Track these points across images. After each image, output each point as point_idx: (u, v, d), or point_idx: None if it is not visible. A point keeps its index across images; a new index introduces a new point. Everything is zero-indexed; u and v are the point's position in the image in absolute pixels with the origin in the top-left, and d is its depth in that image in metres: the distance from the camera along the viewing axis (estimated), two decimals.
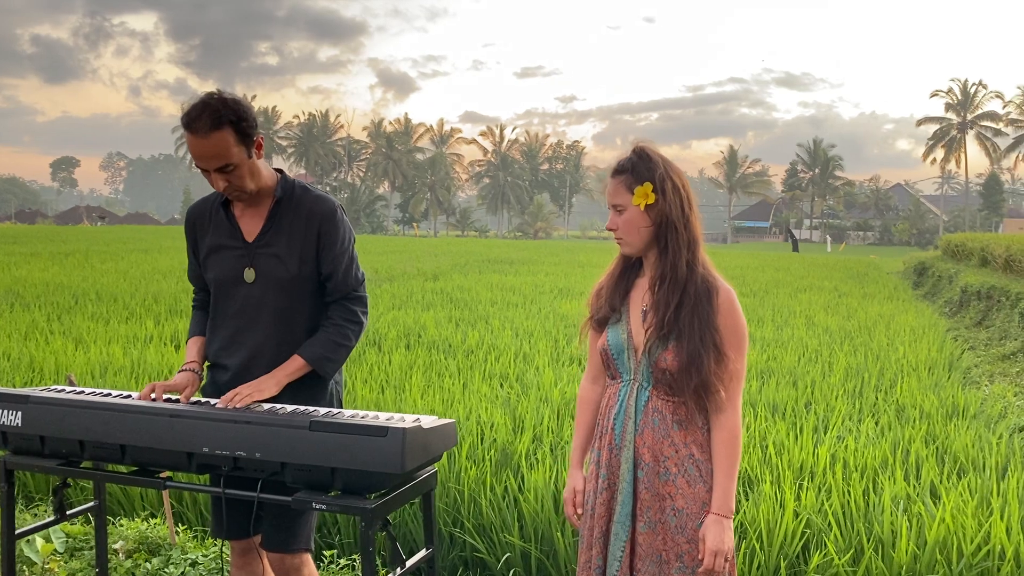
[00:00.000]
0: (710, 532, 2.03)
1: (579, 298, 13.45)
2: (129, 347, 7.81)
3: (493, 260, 24.55)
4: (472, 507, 3.93)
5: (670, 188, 2.07)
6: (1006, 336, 11.44)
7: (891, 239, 75.38)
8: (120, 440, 2.15)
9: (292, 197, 2.42)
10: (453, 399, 5.71)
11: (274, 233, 2.40)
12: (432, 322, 9.86)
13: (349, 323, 2.43)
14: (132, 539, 3.89)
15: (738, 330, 2.08)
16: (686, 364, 2.02)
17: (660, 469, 2.08)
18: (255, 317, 2.40)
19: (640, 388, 2.11)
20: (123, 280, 14.67)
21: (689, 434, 2.08)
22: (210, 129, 2.20)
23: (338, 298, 2.45)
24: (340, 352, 2.40)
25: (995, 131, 72.99)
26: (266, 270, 2.39)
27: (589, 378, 2.32)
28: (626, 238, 2.12)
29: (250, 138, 2.29)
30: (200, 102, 2.24)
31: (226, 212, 2.44)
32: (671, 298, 2.05)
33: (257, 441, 2.02)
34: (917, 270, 23.10)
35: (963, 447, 4.81)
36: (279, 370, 2.35)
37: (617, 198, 2.12)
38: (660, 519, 2.08)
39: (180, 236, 39.05)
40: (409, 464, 1.94)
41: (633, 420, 2.10)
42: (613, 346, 2.15)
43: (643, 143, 2.14)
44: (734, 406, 2.08)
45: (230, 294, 2.42)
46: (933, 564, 3.40)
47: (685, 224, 2.09)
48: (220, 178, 2.29)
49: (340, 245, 2.42)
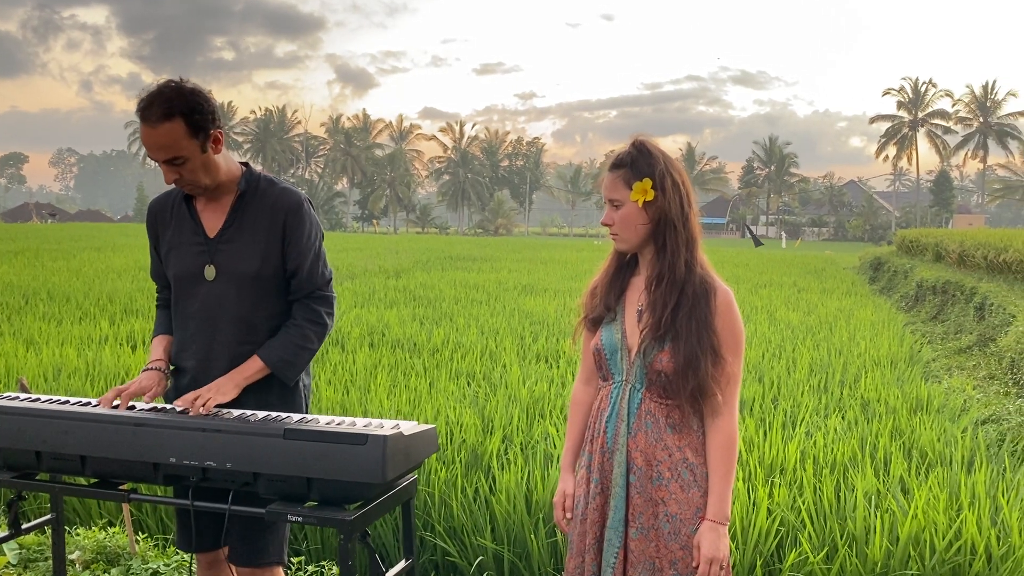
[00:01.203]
0: (705, 539, 1.97)
1: (543, 295, 13.42)
2: (83, 348, 7.59)
3: (455, 257, 24.43)
4: (443, 510, 3.86)
5: (670, 185, 2.01)
6: (961, 330, 11.65)
7: (845, 235, 76.68)
8: (80, 451, 2.03)
9: (256, 190, 2.32)
10: (420, 399, 5.62)
11: (236, 228, 2.29)
12: (396, 320, 9.74)
13: (312, 324, 2.31)
14: (90, 549, 3.75)
15: (736, 332, 2.03)
16: (683, 366, 1.96)
17: (653, 473, 2.01)
18: (217, 316, 2.29)
19: (633, 390, 2.04)
20: (76, 279, 14.29)
21: (683, 438, 2.02)
22: (160, 119, 2.10)
23: (302, 297, 2.34)
24: (302, 355, 2.29)
25: (945, 129, 74.67)
26: (227, 267, 2.28)
27: (582, 380, 2.25)
28: (622, 234, 2.05)
29: (205, 131, 2.17)
30: (155, 90, 2.14)
31: (188, 206, 2.34)
32: (668, 298, 1.99)
33: (228, 450, 1.92)
34: (873, 265, 23.48)
35: (929, 442, 4.85)
36: (237, 372, 2.24)
37: (614, 193, 2.04)
38: (653, 525, 2.02)
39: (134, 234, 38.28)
40: (391, 473, 1.85)
41: (626, 423, 2.04)
42: (606, 346, 2.08)
43: (642, 136, 2.06)
44: (731, 410, 2.02)
45: (190, 292, 2.31)
46: (906, 560, 3.41)
47: (684, 222, 2.02)
48: (170, 171, 2.18)
49: (306, 240, 2.31)
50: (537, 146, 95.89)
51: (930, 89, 74.98)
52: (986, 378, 8.62)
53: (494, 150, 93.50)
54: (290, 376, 2.29)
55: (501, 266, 20.80)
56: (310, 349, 2.30)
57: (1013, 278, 12.69)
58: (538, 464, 4.12)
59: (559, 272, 19.00)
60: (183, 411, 2.14)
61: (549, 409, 5.41)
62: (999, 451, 5.10)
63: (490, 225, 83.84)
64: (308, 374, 2.45)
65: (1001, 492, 3.96)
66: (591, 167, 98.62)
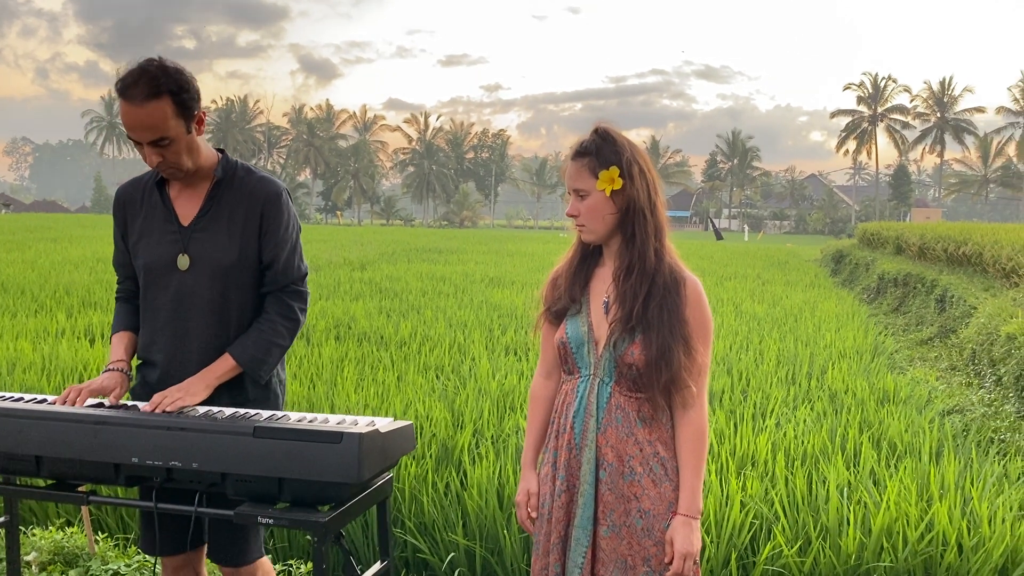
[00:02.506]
0: (678, 534, 1.93)
1: (511, 287, 13.36)
2: (39, 342, 7.37)
3: (421, 249, 24.28)
4: (413, 505, 3.79)
5: (637, 172, 1.95)
6: (922, 322, 11.82)
7: (806, 228, 77.70)
8: (35, 451, 1.92)
9: (234, 178, 2.23)
10: (388, 393, 5.53)
11: (212, 217, 2.20)
12: (362, 313, 9.62)
13: (284, 320, 2.23)
14: (46, 550, 3.61)
15: (705, 322, 1.98)
16: (655, 358, 1.91)
17: (624, 469, 1.96)
18: (188, 308, 2.19)
19: (601, 384, 1.99)
20: (31, 271, 13.93)
21: (653, 431, 1.97)
22: (146, 97, 2.01)
23: (275, 290, 2.25)
24: (273, 353, 2.20)
25: (903, 124, 75.89)
26: (202, 256, 2.18)
27: (542, 373, 2.18)
28: (589, 225, 1.99)
29: (191, 111, 2.09)
30: (138, 67, 2.03)
31: (161, 193, 2.24)
32: (639, 289, 1.94)
33: (194, 450, 1.83)
34: (835, 258, 23.77)
35: (898, 433, 4.88)
36: (207, 372, 2.14)
37: (579, 182, 1.97)
38: (625, 522, 1.97)
39: (92, 225, 37.51)
40: (367, 472, 1.77)
41: (595, 418, 1.98)
42: (572, 339, 2.02)
43: (605, 123, 2.00)
44: (701, 402, 1.99)
45: (161, 283, 2.21)
46: (879, 552, 3.41)
47: (652, 210, 1.97)
48: (154, 152, 2.08)
49: (283, 231, 2.23)
50: (502, 138, 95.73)
51: (889, 84, 76.15)
52: (948, 369, 8.74)
53: (459, 142, 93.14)
54: (262, 374, 2.20)
55: (468, 258, 20.71)
56: (282, 346, 2.22)
57: (972, 271, 12.90)
58: (510, 458, 4.06)
59: (526, 264, 18.96)
60: None
61: (520, 402, 5.36)
62: (965, 442, 5.15)
63: (455, 217, 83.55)
64: (283, 367, 2.36)
65: (970, 483, 3.99)
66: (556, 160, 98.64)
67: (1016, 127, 73.13)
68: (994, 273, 11.72)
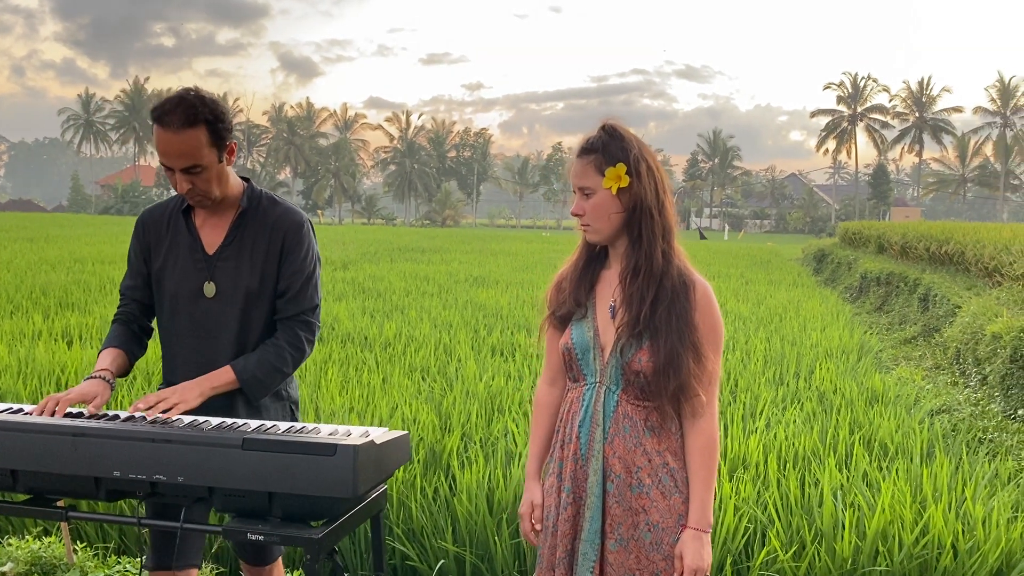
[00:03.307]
0: (688, 548, 1.86)
1: (495, 287, 13.29)
2: (15, 344, 7.22)
3: (403, 248, 24.15)
4: (401, 511, 3.71)
5: (645, 170, 1.88)
6: (905, 320, 11.87)
7: (786, 227, 78.10)
8: (10, 464, 1.83)
9: (258, 208, 2.27)
10: (374, 395, 5.45)
11: (236, 246, 2.24)
12: (345, 313, 9.52)
13: (291, 348, 2.23)
14: (23, 560, 3.51)
15: (716, 328, 1.91)
16: (663, 365, 1.84)
17: (632, 481, 1.89)
18: (213, 334, 2.22)
19: (608, 392, 1.91)
20: (6, 271, 13.69)
21: (662, 441, 1.90)
22: (183, 125, 2.05)
23: (286, 318, 2.25)
24: (273, 377, 2.20)
25: (883, 123, 76.41)
26: (226, 285, 2.22)
27: (547, 380, 2.10)
28: (594, 224, 1.91)
29: (223, 141, 2.14)
30: (176, 96, 2.10)
31: (186, 221, 2.26)
32: (646, 292, 1.86)
33: (179, 463, 1.74)
34: (816, 257, 23.89)
35: (889, 433, 4.86)
36: (204, 380, 2.12)
37: (585, 180, 1.90)
38: (633, 536, 1.89)
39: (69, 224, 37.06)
40: (362, 486, 1.69)
41: (601, 427, 1.90)
42: (577, 345, 1.94)
43: (612, 120, 1.93)
44: (712, 410, 1.91)
45: (186, 309, 2.24)
46: (874, 555, 3.38)
47: (660, 210, 1.89)
48: (185, 180, 2.12)
49: (301, 260, 2.24)
50: (484, 137, 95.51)
51: (869, 84, 76.66)
52: (933, 368, 8.77)
53: (441, 140, 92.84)
54: (256, 394, 2.19)
55: (451, 258, 20.61)
56: (284, 372, 2.22)
57: (955, 269, 12.96)
58: (499, 462, 3.99)
59: (510, 263, 18.89)
60: (129, 418, 1.95)
61: (508, 404, 5.29)
62: (954, 442, 5.14)
63: (437, 216, 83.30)
64: (295, 387, 2.39)
65: (962, 485, 3.97)
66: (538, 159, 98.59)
67: (993, 127, 73.86)
68: (976, 272, 11.78)
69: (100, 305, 10.02)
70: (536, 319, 9.42)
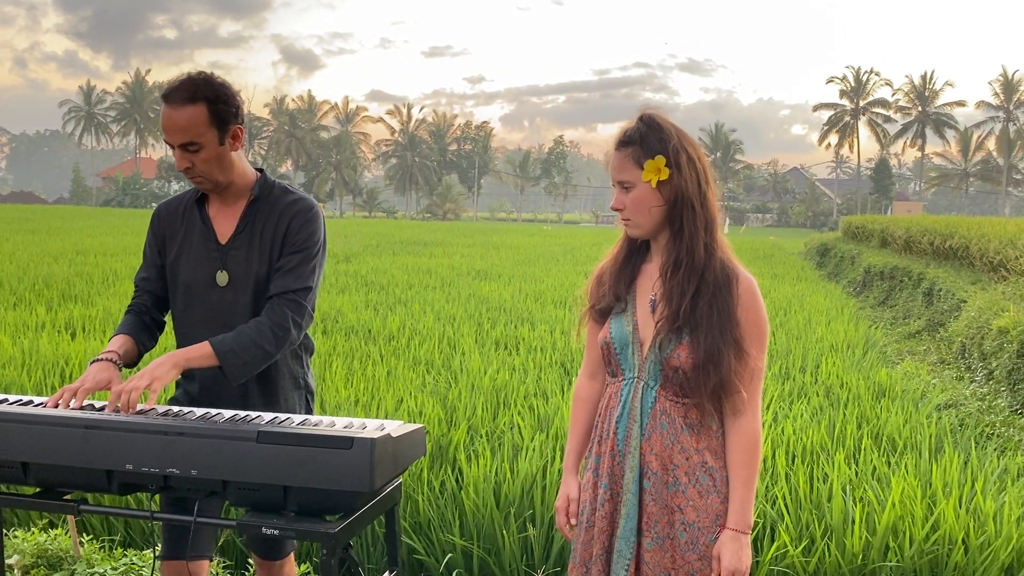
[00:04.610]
0: (726, 550, 1.82)
1: (498, 280, 13.27)
2: (18, 336, 7.21)
3: (405, 242, 24.13)
4: (409, 505, 3.70)
5: (685, 161, 1.83)
6: (909, 315, 11.84)
7: (788, 221, 77.97)
8: (20, 457, 1.80)
9: (269, 197, 2.25)
10: (379, 388, 5.43)
11: (248, 234, 2.23)
12: (349, 306, 9.50)
13: (276, 327, 2.14)
14: (30, 553, 3.49)
15: (760, 323, 1.86)
16: (703, 361, 1.79)
17: (669, 479, 1.85)
18: (227, 322, 2.19)
19: (646, 387, 1.87)
20: (8, 263, 13.68)
21: (702, 439, 1.86)
22: (183, 101, 2.08)
23: (273, 295, 2.18)
24: (253, 353, 2.09)
25: (885, 118, 76.24)
26: (238, 273, 2.22)
27: (587, 374, 2.07)
28: (634, 219, 1.87)
29: (225, 123, 2.13)
30: (186, 75, 2.12)
31: (200, 211, 2.27)
32: (687, 286, 1.82)
33: (193, 456, 1.71)
34: (819, 251, 23.84)
35: (897, 428, 4.84)
36: (180, 352, 2.07)
37: (624, 174, 1.85)
38: (669, 534, 1.86)
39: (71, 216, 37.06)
40: (379, 480, 1.66)
41: (639, 424, 1.87)
42: (616, 339, 1.91)
43: (650, 110, 1.88)
44: (754, 409, 1.86)
45: (201, 298, 2.24)
46: (885, 551, 3.36)
47: (702, 202, 1.85)
48: (183, 157, 2.13)
49: (303, 240, 2.21)
50: (485, 130, 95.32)
51: (872, 78, 76.47)
52: (938, 363, 8.75)
53: (442, 134, 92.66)
54: (234, 370, 2.09)
55: (453, 251, 20.59)
56: (265, 350, 2.11)
57: (959, 264, 12.93)
58: (506, 456, 3.98)
59: (512, 257, 18.87)
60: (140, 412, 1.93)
61: (513, 398, 5.27)
62: (963, 437, 5.11)
63: (438, 209, 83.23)
64: (311, 375, 2.37)
65: (972, 480, 3.95)
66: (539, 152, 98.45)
67: (996, 121, 73.66)
68: (981, 266, 11.75)
69: (103, 297, 10.01)
70: (539, 312, 9.43)
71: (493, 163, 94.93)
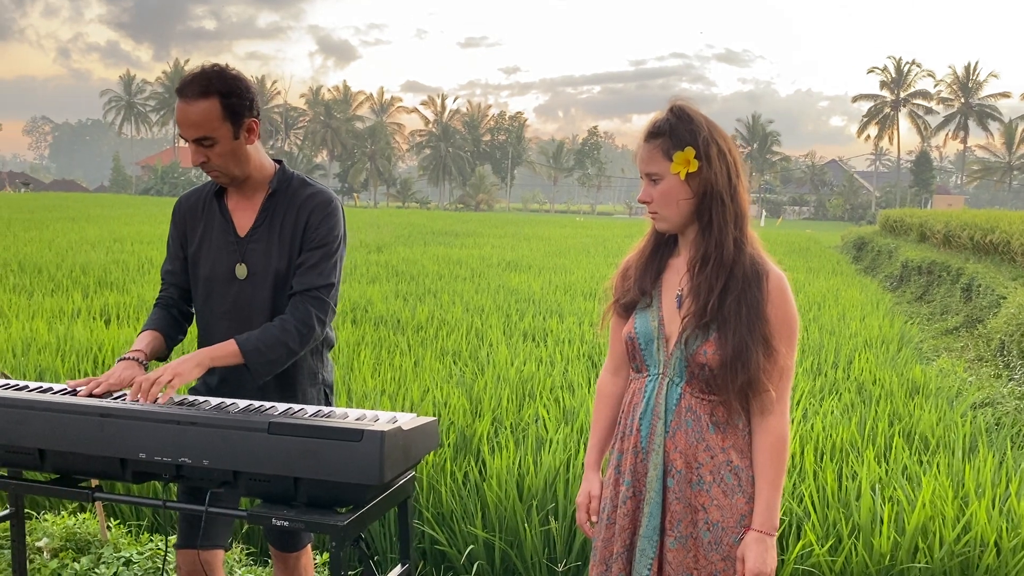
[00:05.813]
0: (751, 551, 1.78)
1: (528, 272, 13.24)
2: (55, 322, 7.33)
3: (437, 232, 24.18)
4: (431, 495, 3.70)
5: (715, 153, 1.78)
6: (947, 311, 11.61)
7: (825, 214, 76.91)
8: (38, 444, 1.82)
9: (288, 190, 2.24)
10: (405, 378, 5.44)
11: (266, 227, 2.22)
12: (379, 296, 9.54)
13: (300, 324, 2.14)
14: (58, 536, 3.55)
15: (789, 320, 1.81)
16: (730, 359, 1.75)
17: (693, 477, 1.81)
18: (247, 315, 2.20)
19: (671, 384, 1.83)
20: (48, 250, 13.94)
21: (728, 438, 1.81)
22: (196, 96, 2.06)
23: (298, 292, 2.18)
24: (277, 351, 2.10)
25: (926, 109, 74.83)
26: (257, 266, 2.21)
27: (610, 369, 2.04)
28: (662, 212, 1.83)
29: (239, 117, 2.11)
30: (199, 69, 2.11)
31: (219, 204, 2.26)
32: (715, 282, 1.77)
33: (205, 446, 1.72)
34: (856, 245, 23.48)
35: (930, 426, 4.74)
36: (205, 351, 2.08)
37: (652, 166, 1.81)
38: (692, 533, 1.82)
39: (110, 204, 37.66)
40: (389, 473, 1.65)
41: (663, 421, 1.83)
42: (641, 334, 1.87)
43: (680, 101, 1.84)
44: (783, 408, 1.81)
45: (221, 291, 2.23)
46: (914, 552, 3.29)
47: (732, 195, 1.80)
48: (198, 152, 2.12)
49: (323, 234, 2.20)
50: (519, 121, 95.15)
51: (913, 69, 75.05)
52: (975, 360, 8.56)
53: (476, 124, 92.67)
54: (260, 368, 2.10)
55: (484, 242, 20.59)
56: (290, 348, 2.13)
57: (1000, 259, 12.65)
58: (530, 448, 3.96)
59: (543, 248, 18.82)
60: None
61: (539, 390, 5.25)
62: (999, 436, 5.00)
63: (471, 200, 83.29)
64: (330, 369, 2.36)
65: (1007, 481, 3.85)
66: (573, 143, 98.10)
67: None
68: (1023, 262, 11.48)
69: (138, 284, 10.15)
70: (568, 304, 9.38)
71: (527, 154, 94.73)
